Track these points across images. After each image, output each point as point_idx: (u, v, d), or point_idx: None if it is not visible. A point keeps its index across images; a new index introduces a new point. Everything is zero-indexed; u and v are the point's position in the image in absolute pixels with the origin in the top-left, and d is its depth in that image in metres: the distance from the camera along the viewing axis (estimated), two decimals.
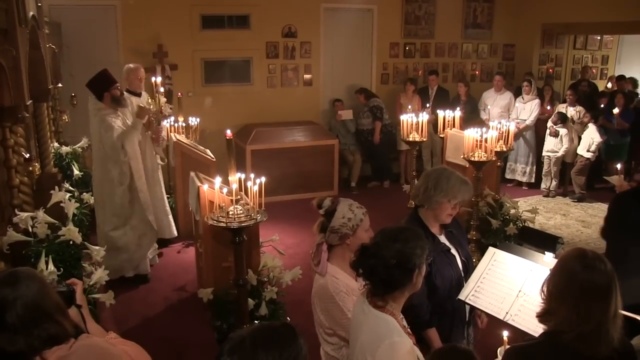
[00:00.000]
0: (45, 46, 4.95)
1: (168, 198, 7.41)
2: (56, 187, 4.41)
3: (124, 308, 5.21)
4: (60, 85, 7.15)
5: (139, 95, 6.22)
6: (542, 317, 2.11)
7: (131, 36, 8.44)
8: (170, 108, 6.64)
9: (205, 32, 8.89)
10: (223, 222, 3.90)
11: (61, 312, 2.00)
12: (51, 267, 3.61)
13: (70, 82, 7.94)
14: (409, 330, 2.42)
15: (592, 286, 1.96)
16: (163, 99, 6.19)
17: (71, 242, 3.91)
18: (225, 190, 3.99)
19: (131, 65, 6.32)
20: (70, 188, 5.49)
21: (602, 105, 9.35)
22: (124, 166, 5.57)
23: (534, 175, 9.51)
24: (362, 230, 2.80)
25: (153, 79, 6.24)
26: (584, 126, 8.84)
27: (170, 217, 6.58)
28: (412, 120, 6.62)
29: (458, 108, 7.45)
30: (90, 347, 2.00)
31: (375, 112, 9.19)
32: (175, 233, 6.64)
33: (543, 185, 9.25)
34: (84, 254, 4.09)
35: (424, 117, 6.70)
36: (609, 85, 10.85)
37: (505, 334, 2.78)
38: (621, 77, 10.97)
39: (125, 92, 5.87)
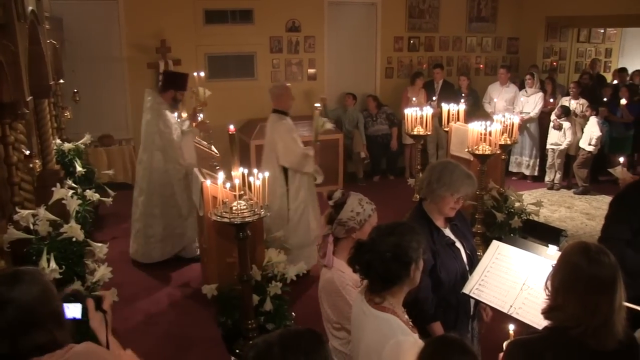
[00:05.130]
0: (45, 42, 4.93)
1: None
2: (58, 184, 4.40)
3: (128, 305, 5.20)
4: (62, 81, 7.14)
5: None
6: (548, 313, 2.09)
7: (134, 31, 8.42)
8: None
9: (209, 27, 8.86)
10: (226, 217, 3.90)
11: (57, 321, 1.89)
12: (53, 264, 3.60)
13: (72, 78, 7.93)
14: (411, 323, 2.41)
15: (599, 280, 1.94)
16: (208, 92, 6.25)
17: (73, 240, 3.88)
18: (228, 185, 3.98)
19: None
20: (73, 185, 5.49)
21: (605, 99, 9.29)
22: (178, 163, 5.79)
23: (537, 168, 9.48)
24: (369, 226, 2.79)
25: (195, 73, 6.27)
26: (586, 119, 8.80)
27: None
28: (417, 114, 6.60)
29: (463, 101, 7.42)
30: (87, 355, 1.90)
31: (392, 118, 9.29)
32: None
33: (547, 178, 9.21)
34: (87, 251, 4.07)
35: (429, 110, 6.67)
36: (615, 81, 10.79)
37: (512, 327, 2.76)
38: (622, 70, 10.92)
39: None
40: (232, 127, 4.12)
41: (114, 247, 6.13)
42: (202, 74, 6.19)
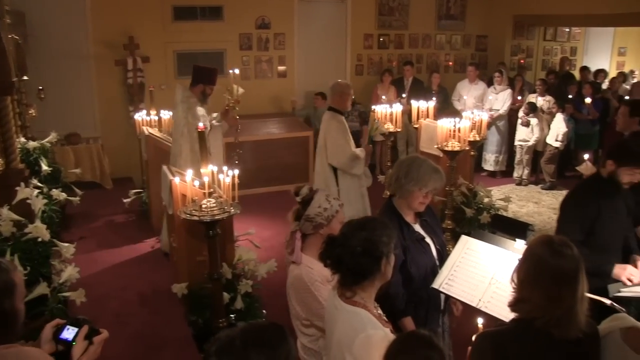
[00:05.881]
0: (6, 36, 4.81)
1: (141, 193, 7.35)
2: (22, 183, 4.30)
3: (97, 305, 5.11)
4: (25, 77, 6.99)
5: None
6: (514, 305, 2.13)
7: (101, 27, 8.29)
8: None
9: (178, 23, 8.78)
10: (196, 215, 3.86)
11: (6, 323, 1.85)
12: (17, 266, 3.52)
13: (37, 75, 7.75)
14: (384, 318, 2.42)
15: (562, 272, 1.99)
16: (241, 90, 6.22)
17: (39, 240, 3.81)
18: (197, 183, 3.94)
19: None
20: (39, 184, 5.38)
21: (570, 96, 9.47)
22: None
23: (505, 164, 9.63)
24: (336, 222, 2.80)
25: (231, 71, 6.21)
26: (553, 116, 8.96)
27: None
28: (386, 111, 6.62)
29: (434, 98, 7.48)
30: (18, 356, 1.85)
31: (364, 116, 9.32)
32: None
33: (515, 174, 9.36)
34: (53, 251, 4.00)
35: (398, 107, 6.70)
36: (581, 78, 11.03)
37: (480, 321, 2.80)
38: (585, 68, 11.16)
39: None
40: (201, 125, 4.09)
41: (82, 247, 6.06)
42: (237, 71, 6.15)
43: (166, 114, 7.30)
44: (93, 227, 7.08)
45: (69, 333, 2.05)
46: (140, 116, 7.23)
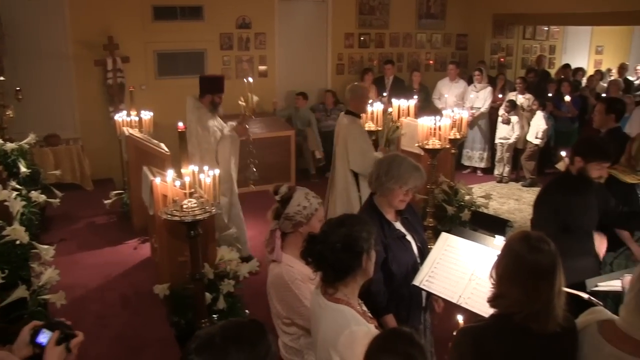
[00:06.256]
0: None
1: (122, 194, 7.30)
2: (0, 186, 4.25)
3: (78, 308, 5.08)
4: (2, 78, 6.90)
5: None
6: (493, 301, 2.15)
7: (80, 27, 8.21)
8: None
9: (158, 23, 8.73)
10: (177, 215, 3.86)
11: None
12: None
13: (14, 75, 7.65)
14: (369, 315, 2.44)
15: (539, 267, 2.01)
16: (256, 98, 6.20)
17: (17, 242, 3.76)
18: (178, 183, 3.93)
19: None
20: (17, 186, 5.31)
21: (550, 94, 9.58)
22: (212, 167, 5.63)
23: (489, 161, 9.71)
24: (316, 220, 2.81)
25: (245, 80, 6.20)
26: (533, 113, 9.06)
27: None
28: (367, 110, 6.63)
29: (415, 97, 7.52)
30: None
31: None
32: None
33: (496, 172, 9.44)
34: (33, 254, 3.95)
35: (379, 106, 6.72)
36: (563, 76, 11.16)
37: (460, 317, 2.82)
38: (566, 66, 11.30)
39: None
40: (181, 125, 4.07)
41: (62, 249, 6.00)
42: (251, 79, 6.12)
43: (147, 115, 7.26)
44: (74, 229, 7.01)
45: (43, 337, 2.01)
46: (120, 117, 7.17)
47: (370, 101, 6.09)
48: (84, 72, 8.31)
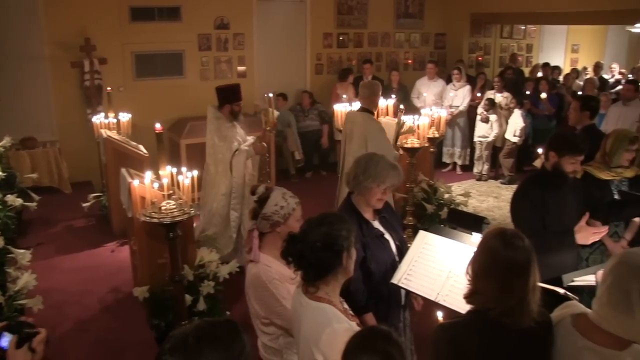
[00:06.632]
0: None
1: (101, 196, 7.24)
2: None
3: (56, 312, 5.04)
4: None
5: None
6: (469, 297, 2.17)
7: (56, 28, 8.11)
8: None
9: (135, 24, 8.65)
10: (156, 217, 3.83)
11: None
12: None
13: None
14: (350, 312, 2.45)
15: (514, 263, 2.03)
16: (276, 113, 6.14)
17: None
18: (156, 185, 3.91)
19: None
20: None
21: (527, 92, 9.69)
22: (226, 178, 5.66)
23: (467, 158, 9.80)
24: (293, 220, 2.81)
25: (265, 95, 6.15)
26: (511, 112, 9.15)
27: None
28: (346, 110, 6.66)
29: (393, 96, 7.55)
30: None
31: (323, 115, 9.35)
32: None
33: (475, 170, 9.52)
34: (8, 258, 3.91)
35: (357, 105, 6.74)
36: (540, 74, 11.29)
37: (440, 314, 2.84)
38: (545, 64, 11.44)
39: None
40: (158, 126, 4.04)
41: (40, 253, 5.95)
42: (271, 94, 6.12)
43: (125, 117, 7.21)
44: (51, 233, 6.94)
45: (4, 340, 1.97)
46: (98, 119, 7.11)
47: (344, 97, 6.14)
48: (60, 74, 8.21)
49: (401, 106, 6.12)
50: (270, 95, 6.18)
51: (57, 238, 6.79)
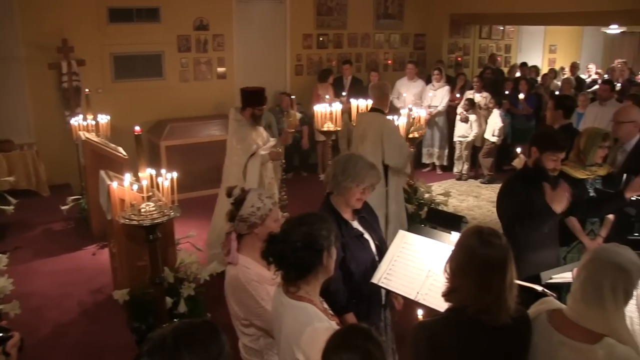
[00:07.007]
0: None
1: (80, 199, 7.17)
2: None
3: (35, 316, 4.98)
4: None
5: None
6: (447, 295, 2.20)
7: (32, 29, 8.01)
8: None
9: (114, 25, 8.59)
10: (135, 220, 3.80)
11: None
12: None
13: None
14: (330, 312, 2.46)
15: (490, 260, 2.06)
16: (298, 115, 6.08)
17: None
18: (135, 187, 3.89)
19: None
20: None
21: (507, 92, 9.78)
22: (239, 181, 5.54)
23: (445, 159, 9.86)
24: (271, 220, 2.82)
25: (286, 96, 6.07)
26: (490, 111, 9.24)
27: None
28: (326, 110, 6.66)
29: None
30: None
31: (303, 117, 9.32)
32: None
33: (455, 169, 9.60)
34: None
35: (338, 106, 6.75)
36: (518, 73, 11.41)
37: (420, 312, 2.87)
38: (523, 64, 11.56)
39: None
40: (137, 128, 4.02)
41: (17, 257, 5.89)
42: (293, 97, 6.07)
43: (104, 119, 7.15)
44: (29, 236, 6.85)
45: None
46: (76, 121, 7.04)
47: (327, 97, 6.17)
48: (37, 75, 8.11)
49: (410, 105, 6.19)
50: (293, 97, 6.15)
51: (35, 241, 6.71)
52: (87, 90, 7.75)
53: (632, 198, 3.80)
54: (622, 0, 8.64)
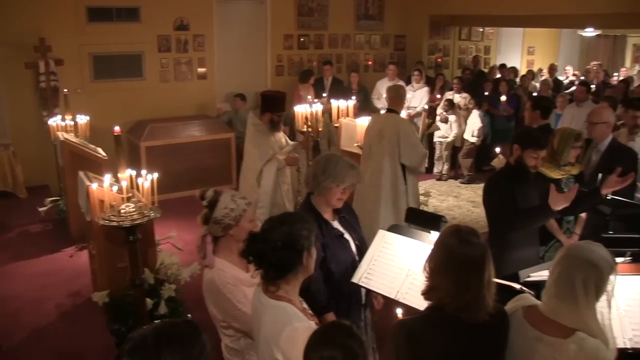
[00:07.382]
0: None
1: (58, 201, 7.09)
2: None
3: (12, 320, 4.92)
4: None
5: None
6: (427, 294, 2.22)
7: (8, 28, 7.91)
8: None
9: (93, 25, 8.52)
10: (115, 221, 3.77)
11: None
12: None
13: None
14: (309, 312, 2.46)
15: (468, 259, 2.09)
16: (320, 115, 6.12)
17: None
18: (115, 188, 3.86)
19: None
20: None
21: (486, 93, 9.88)
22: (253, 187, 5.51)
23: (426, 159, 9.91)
24: (245, 221, 2.82)
25: (309, 97, 6.02)
26: (469, 112, 9.32)
27: None
28: (307, 111, 6.66)
29: (353, 97, 7.60)
30: None
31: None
32: None
33: (435, 170, 9.66)
34: None
35: (318, 107, 6.77)
36: (498, 75, 11.54)
37: (400, 311, 2.89)
38: (502, 66, 11.70)
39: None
40: (117, 128, 3.99)
41: None
42: (310, 97, 6.01)
43: (82, 119, 7.08)
44: (6, 239, 6.76)
45: None
46: (55, 121, 6.97)
47: (309, 98, 6.17)
48: (14, 75, 8.02)
49: (425, 106, 6.23)
50: (310, 98, 6.12)
51: (12, 244, 6.62)
52: (65, 90, 7.67)
53: (608, 197, 3.87)
54: (598, 4, 8.78)
